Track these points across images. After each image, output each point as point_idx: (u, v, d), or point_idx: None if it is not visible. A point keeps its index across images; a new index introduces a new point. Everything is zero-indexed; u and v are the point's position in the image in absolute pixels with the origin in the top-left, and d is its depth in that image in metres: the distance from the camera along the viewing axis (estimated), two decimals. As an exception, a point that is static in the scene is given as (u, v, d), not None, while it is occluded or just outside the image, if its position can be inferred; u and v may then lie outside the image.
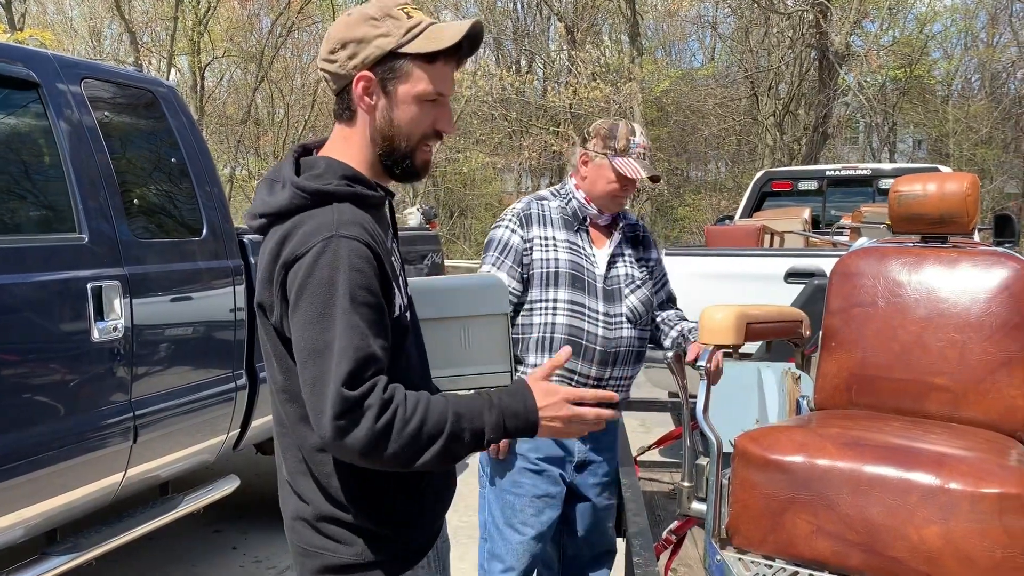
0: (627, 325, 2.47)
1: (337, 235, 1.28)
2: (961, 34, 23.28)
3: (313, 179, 1.36)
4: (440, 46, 1.35)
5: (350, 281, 1.26)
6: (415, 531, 1.46)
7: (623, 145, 2.41)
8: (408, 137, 1.39)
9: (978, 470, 1.72)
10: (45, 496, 2.73)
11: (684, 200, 22.34)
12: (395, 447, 1.24)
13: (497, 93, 19.58)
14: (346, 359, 1.23)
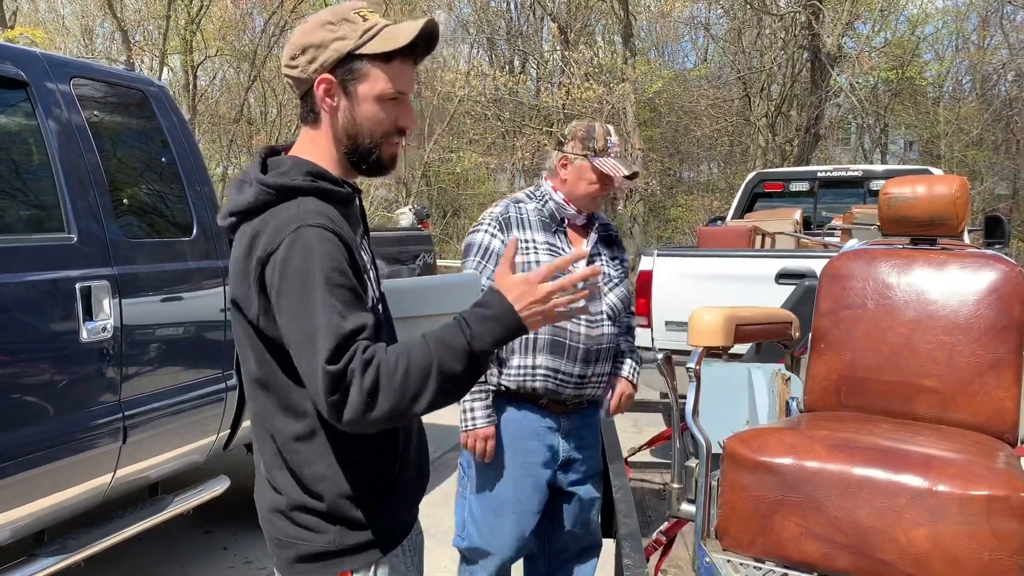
0: (607, 323, 2.52)
1: (304, 225, 1.33)
2: (952, 36, 23.38)
3: (279, 176, 1.41)
4: (396, 45, 1.40)
5: (323, 266, 1.31)
6: (389, 519, 1.50)
7: (602, 145, 2.46)
8: (371, 134, 1.45)
9: (966, 472, 1.72)
10: (33, 497, 2.72)
11: (676, 201, 22.37)
12: (391, 399, 1.27)
13: (490, 93, 19.58)
14: (327, 339, 1.27)
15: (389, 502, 1.49)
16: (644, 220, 19.06)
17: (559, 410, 2.53)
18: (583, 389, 2.51)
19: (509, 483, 2.50)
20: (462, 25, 25.67)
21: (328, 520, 1.44)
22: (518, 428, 2.50)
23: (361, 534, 1.46)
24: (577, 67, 18.25)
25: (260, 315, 1.37)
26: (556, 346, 2.43)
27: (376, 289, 1.49)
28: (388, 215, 17.44)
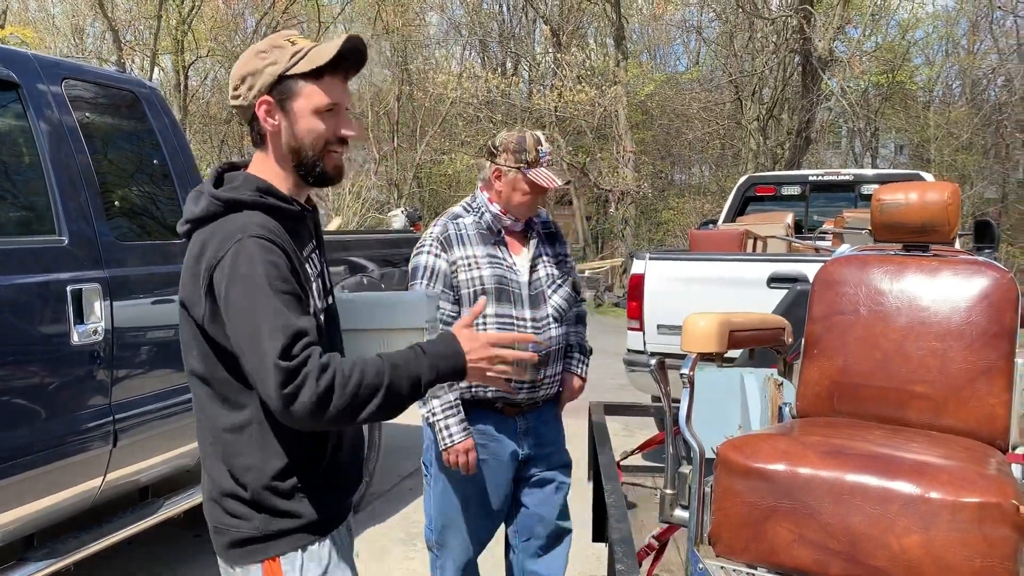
0: (554, 325, 2.58)
1: (247, 236, 1.45)
2: (942, 41, 23.53)
3: (230, 191, 1.54)
4: (321, 62, 1.53)
5: (266, 273, 1.43)
6: (317, 509, 1.59)
7: (533, 156, 2.49)
8: (313, 146, 1.57)
9: (958, 479, 1.73)
10: (23, 501, 2.70)
11: (668, 203, 22.43)
12: (339, 405, 1.40)
13: (483, 95, 19.58)
14: (276, 336, 1.38)
15: (316, 493, 1.59)
16: (636, 223, 19.09)
17: (514, 412, 2.60)
18: (536, 392, 2.58)
19: (467, 483, 2.58)
20: (454, 27, 25.69)
21: (254, 508, 1.56)
22: (475, 432, 2.55)
23: (286, 522, 1.56)
24: (569, 69, 18.28)
25: (206, 317, 1.48)
26: None
27: (322, 300, 1.62)
28: (380, 217, 17.40)
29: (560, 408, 2.73)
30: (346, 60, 1.56)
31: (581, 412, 3.35)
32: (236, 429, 1.54)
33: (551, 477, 2.70)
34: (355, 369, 1.42)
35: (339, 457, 1.64)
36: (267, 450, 1.53)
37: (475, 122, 21.66)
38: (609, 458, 2.88)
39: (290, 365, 1.37)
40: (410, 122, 22.03)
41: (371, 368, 1.44)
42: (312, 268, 1.61)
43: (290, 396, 1.37)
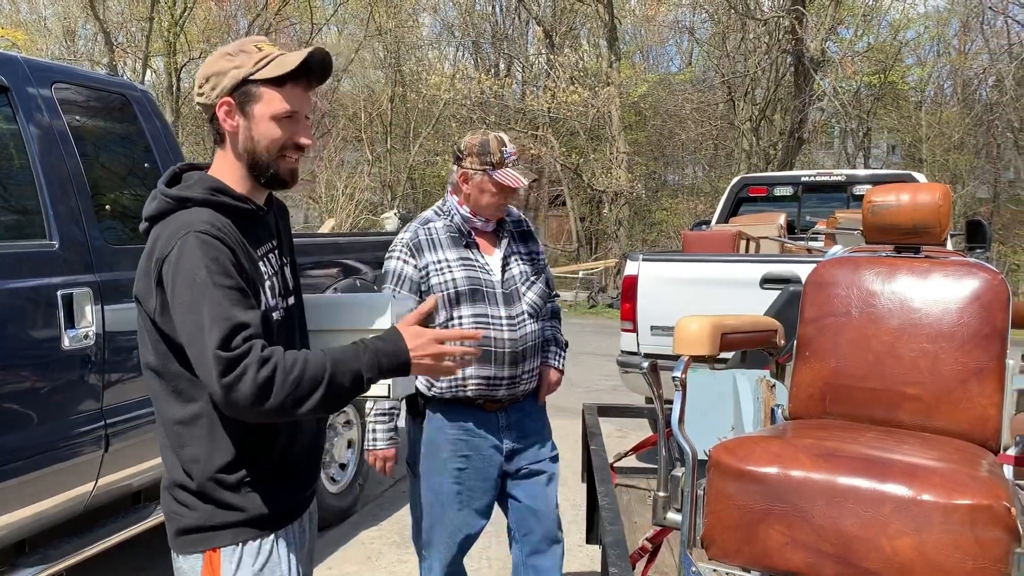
0: (529, 321, 2.61)
1: (192, 231, 1.50)
2: (934, 41, 23.61)
3: (182, 189, 1.60)
4: (285, 70, 1.57)
5: (208, 268, 1.48)
6: (265, 504, 1.62)
7: (498, 158, 2.51)
8: (268, 150, 1.61)
9: (950, 481, 1.73)
10: (14, 506, 2.69)
11: (661, 204, 22.47)
12: (279, 396, 1.44)
13: (476, 96, 19.58)
14: (216, 328, 1.43)
15: (264, 488, 1.62)
16: (629, 223, 19.12)
17: (495, 408, 2.63)
18: (516, 388, 2.60)
19: (450, 480, 2.61)
20: (447, 28, 25.69)
21: (200, 499, 1.60)
22: (457, 428, 2.60)
23: (229, 514, 1.60)
24: (562, 71, 18.29)
25: (157, 309, 1.53)
26: (483, 355, 2.51)
27: (279, 299, 1.66)
28: (373, 218, 17.39)
29: (540, 399, 2.74)
30: (311, 71, 1.62)
31: (574, 413, 3.35)
32: (186, 421, 1.58)
33: (539, 469, 2.71)
34: (297, 362, 1.46)
35: (291, 454, 1.67)
36: (215, 443, 1.57)
37: (468, 123, 21.64)
38: (602, 460, 2.88)
39: (230, 356, 1.42)
40: (403, 123, 22.02)
41: (313, 362, 1.48)
42: (267, 267, 1.65)
43: (229, 386, 1.42)
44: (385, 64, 22.43)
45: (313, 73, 1.63)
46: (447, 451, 2.60)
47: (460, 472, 2.60)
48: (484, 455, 2.62)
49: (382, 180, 21.42)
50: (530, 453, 2.69)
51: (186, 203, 1.57)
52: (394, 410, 2.61)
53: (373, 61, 23.28)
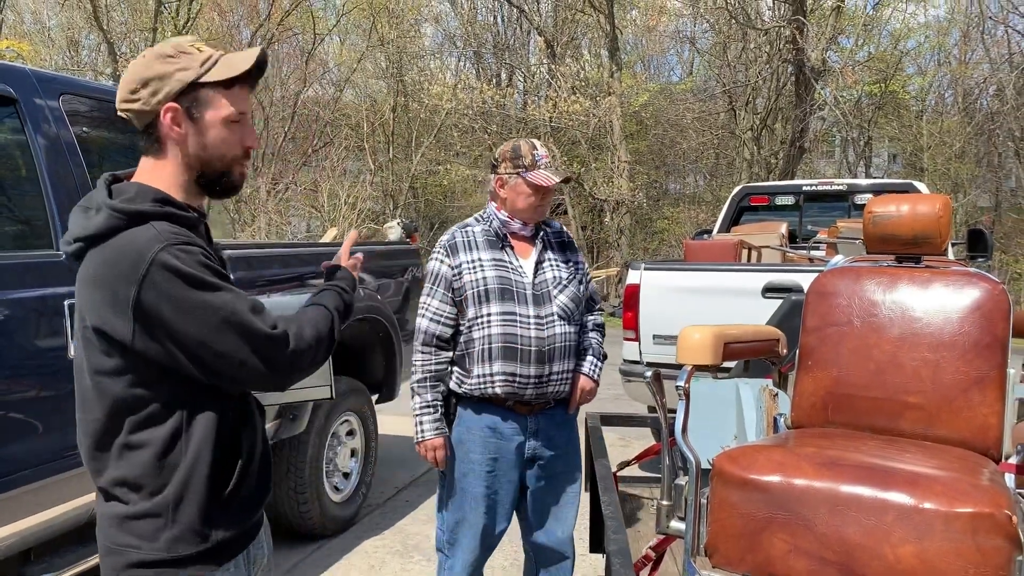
0: (559, 323, 2.64)
1: (168, 244, 1.42)
2: (934, 50, 23.66)
3: (126, 202, 1.47)
4: (236, 72, 1.51)
5: (202, 270, 1.44)
6: (226, 530, 1.55)
7: (530, 161, 2.62)
8: (222, 157, 1.54)
9: (952, 490, 1.74)
10: (20, 515, 2.70)
11: (663, 213, 22.49)
12: (323, 348, 1.57)
13: (477, 106, 19.64)
14: (253, 316, 1.46)
15: (226, 513, 1.55)
16: (631, 232, 19.14)
17: (525, 411, 2.66)
18: (544, 388, 2.63)
19: (479, 480, 2.65)
20: (449, 38, 25.78)
21: (158, 528, 1.50)
22: (484, 429, 2.65)
23: (194, 544, 1.51)
24: (564, 80, 18.35)
25: (135, 336, 1.42)
26: (509, 352, 2.57)
27: None
28: (375, 227, 17.43)
29: (571, 407, 2.77)
30: (258, 72, 1.56)
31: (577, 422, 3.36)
32: (157, 447, 1.49)
33: (560, 484, 2.74)
34: (314, 319, 1.59)
35: (250, 471, 1.61)
36: (185, 468, 1.49)
37: (470, 133, 21.72)
38: (606, 469, 2.89)
39: (278, 333, 1.48)
40: (405, 133, 22.08)
41: (319, 314, 1.61)
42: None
43: (295, 353, 1.49)
44: (387, 74, 22.50)
45: (255, 74, 1.56)
46: (477, 452, 2.64)
47: (488, 474, 2.65)
48: (509, 458, 2.66)
49: (384, 189, 21.46)
50: (552, 464, 2.72)
51: (141, 218, 1.45)
52: (437, 401, 2.65)
53: (375, 71, 23.35)
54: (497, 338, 2.57)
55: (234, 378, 1.49)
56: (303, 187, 19.12)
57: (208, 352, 1.44)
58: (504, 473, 2.66)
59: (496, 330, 2.57)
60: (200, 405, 1.52)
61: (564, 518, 2.76)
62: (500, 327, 2.57)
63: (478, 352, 2.60)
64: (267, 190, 17.74)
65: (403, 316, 5.12)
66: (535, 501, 2.73)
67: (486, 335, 2.58)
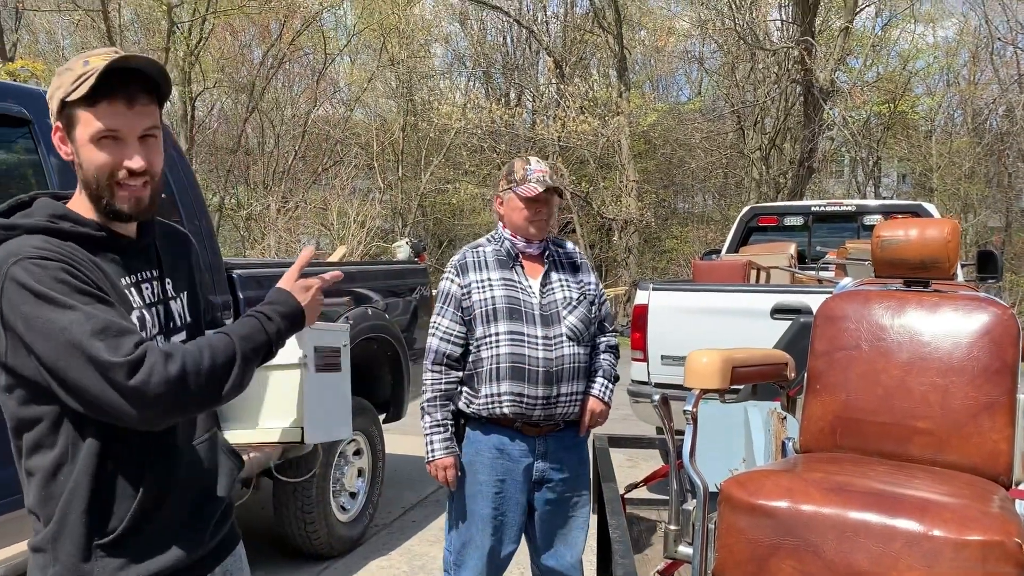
0: (568, 343, 2.64)
1: (20, 259, 1.34)
2: (943, 71, 23.68)
3: (19, 217, 1.44)
4: (86, 89, 1.38)
5: (57, 287, 1.33)
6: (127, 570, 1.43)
7: (521, 176, 2.65)
8: (96, 178, 1.44)
9: (961, 517, 1.73)
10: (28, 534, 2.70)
11: (671, 232, 22.49)
12: (196, 386, 1.35)
13: (486, 125, 19.73)
14: (99, 338, 1.30)
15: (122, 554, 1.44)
16: (639, 251, 19.14)
17: (533, 432, 2.65)
18: (553, 409, 2.62)
19: (486, 501, 2.65)
20: (459, 58, 25.95)
21: (48, 566, 1.42)
22: (492, 450, 2.65)
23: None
24: (572, 100, 18.42)
25: (8, 352, 1.37)
26: (516, 372, 2.57)
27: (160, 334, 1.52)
28: (384, 245, 17.48)
29: (582, 430, 2.75)
30: (129, 83, 1.41)
31: (587, 445, 3.35)
32: (47, 473, 1.42)
33: (569, 509, 2.73)
34: (203, 349, 1.38)
35: (159, 508, 1.48)
36: (72, 497, 1.40)
37: (479, 152, 21.80)
38: (613, 491, 2.88)
39: (130, 359, 1.29)
40: (415, 152, 22.18)
41: (219, 344, 1.41)
42: (136, 298, 1.50)
43: (139, 388, 1.29)
44: (397, 94, 22.64)
45: (133, 85, 1.42)
46: (484, 473, 2.64)
47: (496, 495, 2.64)
48: (517, 480, 2.65)
49: (393, 208, 21.54)
50: (561, 487, 2.71)
51: (13, 231, 1.40)
52: (447, 420, 2.65)
53: (385, 91, 23.50)
54: (505, 358, 2.57)
55: (96, 408, 1.33)
56: (313, 205, 19.19)
57: (61, 376, 1.32)
58: (512, 495, 2.65)
59: (504, 350, 2.58)
60: (86, 431, 1.40)
61: (573, 542, 2.75)
62: (508, 347, 2.57)
63: (486, 372, 2.60)
64: (277, 208, 17.82)
65: (411, 335, 5.12)
66: (544, 524, 2.72)
67: (494, 355, 2.59)
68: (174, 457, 1.51)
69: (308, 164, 22.59)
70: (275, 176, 20.59)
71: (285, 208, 18.14)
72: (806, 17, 15.58)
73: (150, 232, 1.58)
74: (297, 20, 20.56)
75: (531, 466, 2.66)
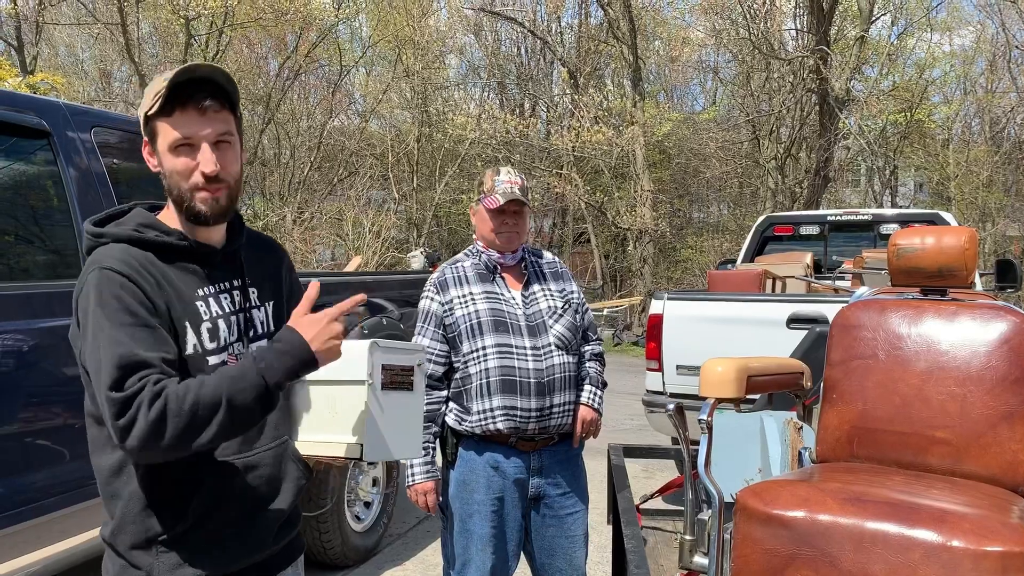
0: (557, 353, 2.61)
1: (98, 267, 1.46)
2: (960, 80, 23.54)
3: (112, 226, 1.55)
4: (160, 101, 1.48)
5: (109, 304, 1.42)
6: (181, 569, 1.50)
7: (489, 187, 2.63)
8: (178, 185, 1.53)
9: (981, 527, 1.71)
10: (45, 543, 2.72)
11: (686, 242, 22.43)
12: (178, 428, 1.34)
13: (501, 136, 19.76)
14: (109, 368, 1.36)
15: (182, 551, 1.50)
16: (654, 261, 19.10)
17: (528, 447, 2.61)
18: (547, 421, 2.58)
19: (484, 520, 2.60)
20: (473, 70, 26.04)
21: (114, 555, 1.52)
22: (488, 468, 2.60)
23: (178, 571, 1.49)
24: (586, 110, 18.43)
25: (84, 350, 1.45)
26: (508, 384, 2.53)
27: (238, 342, 1.57)
28: (400, 255, 17.53)
29: (575, 441, 2.71)
30: (197, 91, 1.50)
31: (600, 454, 3.34)
32: (113, 471, 1.52)
33: (567, 524, 2.68)
34: (190, 390, 1.36)
35: (217, 518, 1.53)
36: (131, 496, 1.50)
37: (494, 162, 21.82)
38: (628, 502, 2.87)
39: (121, 396, 1.34)
40: (429, 162, 22.26)
41: (208, 386, 1.38)
42: (212, 308, 1.55)
43: (124, 428, 1.34)
44: (412, 105, 22.74)
45: (200, 92, 1.50)
46: (481, 492, 2.59)
47: (493, 514, 2.59)
48: (513, 497, 2.61)
49: (408, 218, 21.62)
50: (558, 503, 2.66)
51: (102, 239, 1.52)
52: (428, 444, 2.61)
53: (400, 102, 23.61)
54: (495, 371, 2.53)
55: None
56: (328, 216, 19.29)
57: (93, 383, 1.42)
58: (509, 512, 2.61)
59: (493, 363, 2.54)
60: None
61: (575, 559, 2.70)
62: (497, 360, 2.53)
63: (476, 387, 2.56)
64: (293, 219, 17.92)
65: (426, 345, 5.13)
66: (543, 541, 2.67)
67: (483, 369, 2.55)
68: (233, 463, 1.55)
69: (324, 175, 22.71)
70: (291, 187, 20.71)
71: (301, 219, 18.24)
72: (821, 26, 15.54)
73: (237, 240, 1.65)
74: (313, 32, 20.71)
75: (526, 482, 2.62)
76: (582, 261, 24.22)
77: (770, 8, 17.71)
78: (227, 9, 17.09)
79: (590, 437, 2.75)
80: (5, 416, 2.61)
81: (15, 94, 3.15)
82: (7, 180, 2.97)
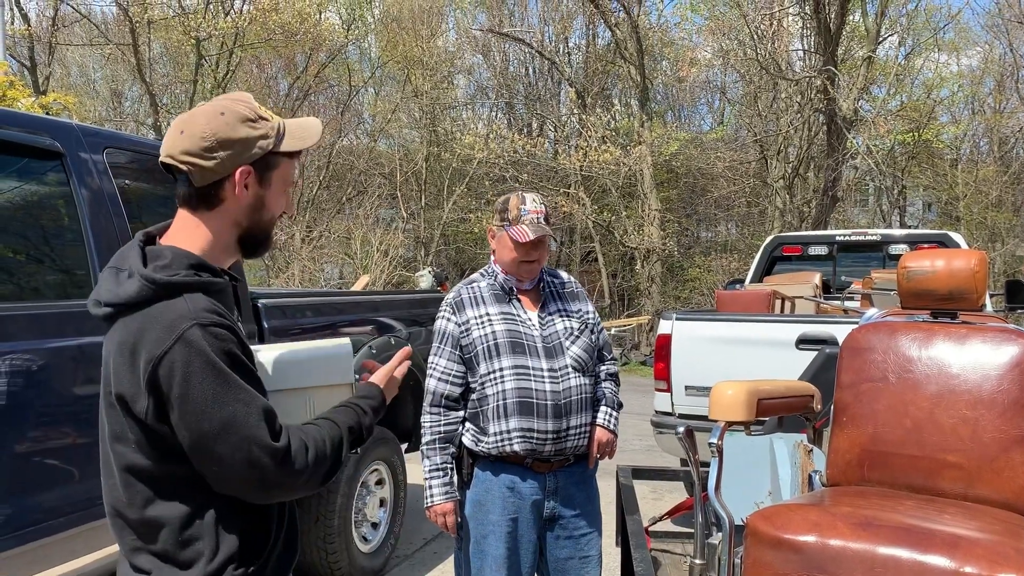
0: (574, 374, 2.60)
1: (198, 323, 1.37)
2: (968, 99, 23.55)
3: (160, 270, 1.42)
4: (306, 145, 1.56)
5: (226, 361, 1.38)
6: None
7: (515, 215, 2.58)
8: (272, 218, 1.58)
9: (993, 553, 1.70)
10: (57, 562, 2.72)
11: (694, 261, 22.42)
12: (324, 470, 1.47)
13: (509, 155, 19.84)
14: (259, 421, 1.39)
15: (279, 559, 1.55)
16: (662, 280, 19.08)
17: (544, 468, 2.59)
18: (564, 443, 2.57)
19: (499, 541, 2.58)
20: (481, 90, 26.17)
21: None
22: (504, 489, 2.58)
23: None
24: (594, 130, 18.50)
25: (151, 412, 1.37)
26: (525, 407, 2.51)
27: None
28: (407, 274, 17.57)
29: (590, 462, 2.70)
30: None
31: (609, 475, 3.33)
32: (187, 521, 1.44)
33: (580, 547, 2.66)
34: (324, 436, 1.49)
35: (280, 537, 1.57)
36: (220, 539, 1.45)
37: (501, 182, 21.88)
38: (637, 524, 2.85)
39: (282, 445, 1.40)
40: (437, 182, 22.35)
41: (331, 433, 1.52)
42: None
43: (295, 474, 1.42)
44: (420, 124, 22.87)
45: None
46: (496, 513, 2.58)
47: (508, 535, 2.58)
48: (528, 518, 2.59)
49: (416, 237, 21.68)
50: (572, 524, 2.64)
51: (176, 289, 1.41)
52: (447, 464, 2.60)
53: (409, 121, 23.75)
54: (512, 393, 2.52)
55: (219, 479, 1.40)
56: (336, 234, 19.36)
57: (203, 447, 1.37)
58: (524, 533, 2.59)
59: (510, 385, 2.52)
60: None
61: (590, 569, 2.69)
62: (513, 381, 2.52)
63: (492, 409, 2.54)
64: (301, 237, 17.98)
65: (434, 365, 5.13)
66: (557, 563, 2.65)
67: (500, 391, 2.53)
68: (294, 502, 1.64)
69: (332, 194, 22.81)
70: (300, 206, 20.80)
71: (309, 237, 18.31)
72: (828, 47, 15.58)
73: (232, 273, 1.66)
74: (322, 53, 20.89)
75: (541, 503, 2.60)
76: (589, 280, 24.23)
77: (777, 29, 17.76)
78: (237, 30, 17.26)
79: (605, 458, 2.73)
80: (15, 435, 2.62)
81: (29, 116, 3.19)
82: (21, 200, 2.99)
